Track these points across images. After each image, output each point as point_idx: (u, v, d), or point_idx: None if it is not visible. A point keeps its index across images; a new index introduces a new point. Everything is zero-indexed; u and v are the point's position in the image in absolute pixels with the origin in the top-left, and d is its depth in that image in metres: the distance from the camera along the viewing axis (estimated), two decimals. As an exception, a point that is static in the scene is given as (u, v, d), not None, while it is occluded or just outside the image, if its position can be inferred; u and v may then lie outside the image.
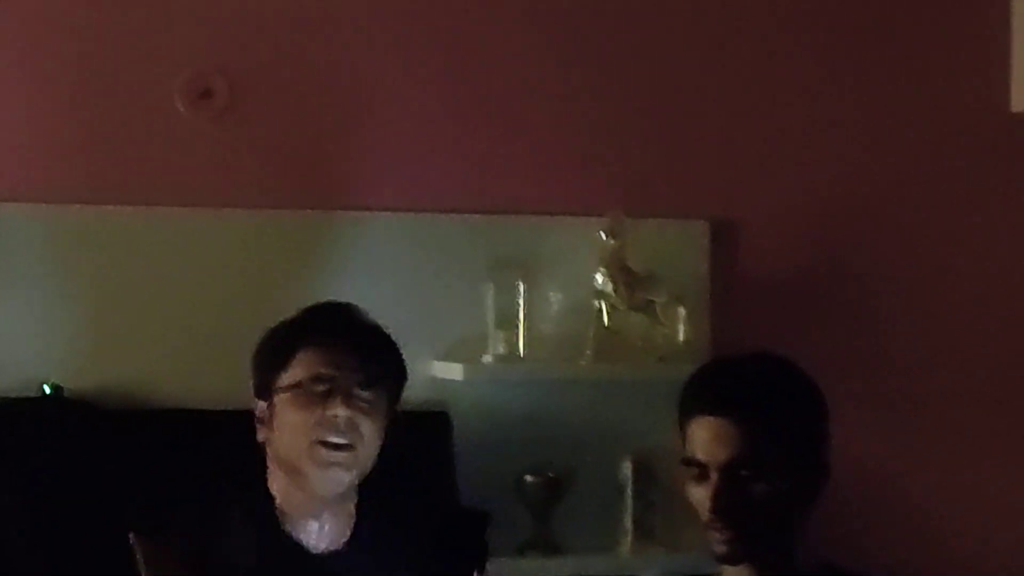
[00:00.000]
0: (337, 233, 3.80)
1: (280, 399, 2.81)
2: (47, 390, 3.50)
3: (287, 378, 2.81)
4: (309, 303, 3.47)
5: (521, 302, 3.81)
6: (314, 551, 2.83)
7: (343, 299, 3.34)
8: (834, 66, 4.20)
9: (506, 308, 3.81)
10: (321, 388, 2.79)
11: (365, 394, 2.81)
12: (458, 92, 3.93)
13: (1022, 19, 4.27)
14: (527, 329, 3.81)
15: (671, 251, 3.98)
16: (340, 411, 2.78)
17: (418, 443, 3.72)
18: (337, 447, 2.78)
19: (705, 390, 2.58)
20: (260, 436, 2.86)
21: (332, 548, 2.84)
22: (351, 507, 2.87)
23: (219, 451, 3.45)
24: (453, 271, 3.85)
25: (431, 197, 3.88)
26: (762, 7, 4.16)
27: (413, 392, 3.73)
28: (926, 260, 4.25)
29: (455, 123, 3.93)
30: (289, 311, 2.98)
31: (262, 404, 2.86)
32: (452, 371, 3.76)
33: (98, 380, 3.57)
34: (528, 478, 3.81)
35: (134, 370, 3.62)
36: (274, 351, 2.86)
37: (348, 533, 2.86)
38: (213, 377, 3.60)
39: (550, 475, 3.82)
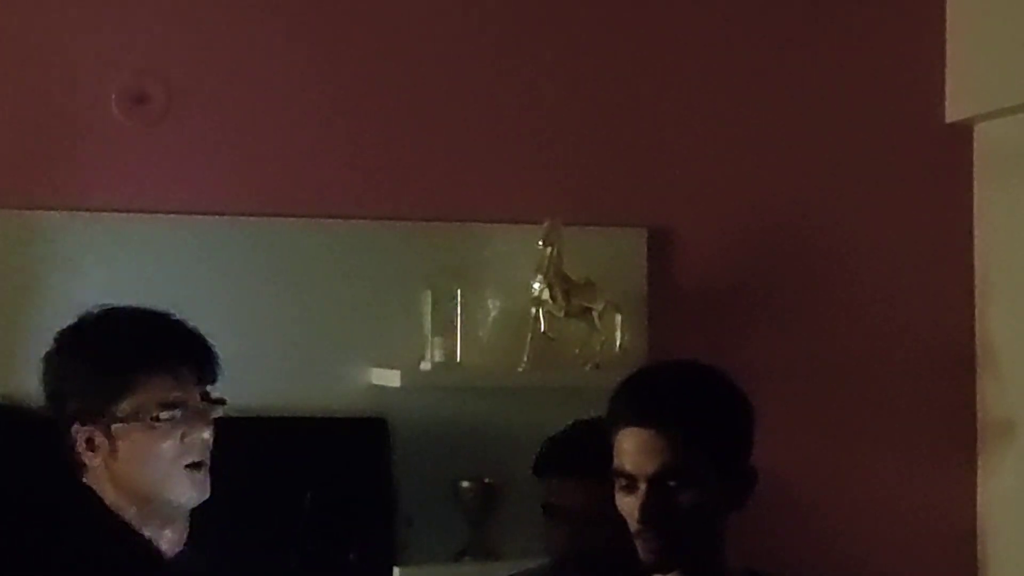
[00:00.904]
0: (275, 240, 3.79)
1: (122, 428, 2.71)
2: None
3: (129, 406, 2.71)
4: (247, 310, 3.49)
5: (459, 309, 3.81)
6: (155, 555, 2.81)
7: (282, 306, 3.35)
8: (770, 76, 4.22)
9: (444, 315, 3.82)
10: (171, 413, 2.72)
11: (209, 406, 2.79)
12: (395, 98, 3.93)
13: (957, 29, 4.30)
14: (464, 336, 3.81)
15: (608, 258, 3.99)
16: (197, 434, 2.75)
17: (356, 449, 3.74)
18: (198, 467, 2.76)
19: (631, 401, 2.58)
20: (91, 462, 2.73)
21: (175, 551, 2.81)
22: (187, 511, 2.82)
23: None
24: (390, 278, 3.85)
25: (368, 204, 3.88)
26: (697, 18, 4.18)
27: (351, 399, 3.77)
28: (860, 269, 4.27)
29: (393, 129, 3.93)
30: (230, 318, 2.97)
31: (87, 428, 2.72)
32: (390, 378, 3.76)
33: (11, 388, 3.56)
34: (464, 484, 3.82)
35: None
36: (106, 378, 2.72)
37: (185, 537, 2.83)
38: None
39: (486, 481, 3.82)
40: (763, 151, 4.21)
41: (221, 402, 2.82)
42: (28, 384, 2.88)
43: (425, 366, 3.81)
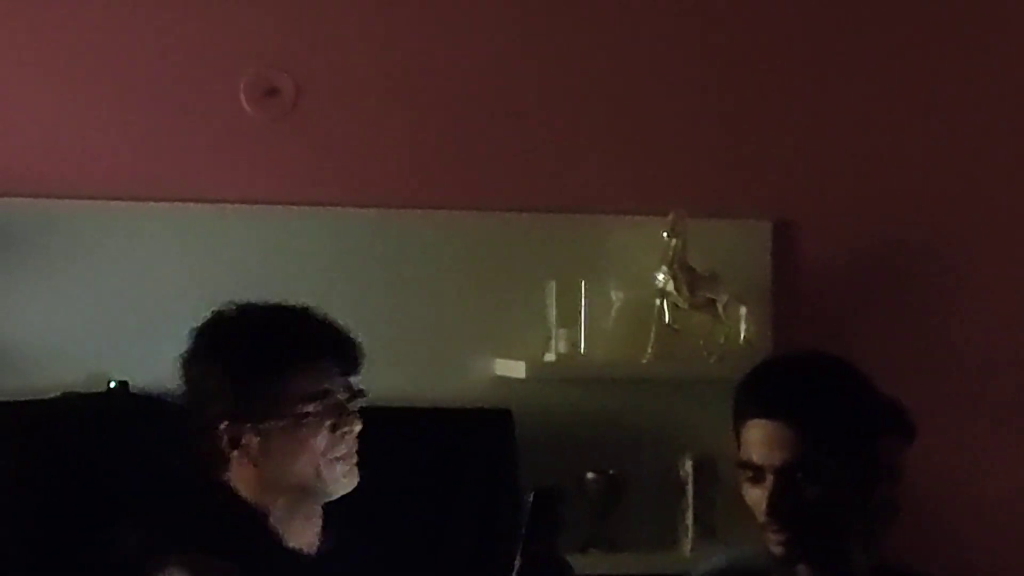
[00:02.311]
0: (400, 232, 3.82)
1: (271, 425, 2.76)
2: (112, 385, 3.53)
3: (276, 403, 2.75)
4: (378, 301, 3.53)
5: (583, 300, 3.82)
6: (309, 554, 2.84)
7: (406, 296, 3.38)
8: (898, 67, 4.18)
9: (568, 307, 3.82)
10: (318, 406, 2.77)
11: (355, 403, 2.84)
12: (520, 90, 3.94)
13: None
14: (589, 327, 3.82)
15: (733, 250, 3.98)
16: (345, 428, 2.79)
17: (481, 441, 3.75)
18: (348, 459, 2.81)
19: (759, 393, 2.57)
20: (241, 461, 2.78)
21: (319, 545, 2.86)
22: (320, 508, 2.86)
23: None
24: (515, 270, 3.86)
25: (494, 196, 3.89)
26: (824, 7, 4.15)
27: (476, 390, 3.79)
28: (993, 259, 4.22)
29: (519, 121, 3.94)
30: (355, 310, 3.00)
31: (235, 427, 2.76)
32: (514, 369, 3.78)
33: (164, 376, 3.61)
34: (589, 476, 3.82)
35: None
36: (248, 376, 2.77)
37: (320, 530, 2.86)
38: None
39: (611, 473, 3.83)
40: (889, 143, 4.17)
41: (362, 393, 2.85)
42: (160, 376, 2.94)
43: (549, 357, 3.82)
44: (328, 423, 2.78)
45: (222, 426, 2.78)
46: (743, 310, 3.90)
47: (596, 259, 3.89)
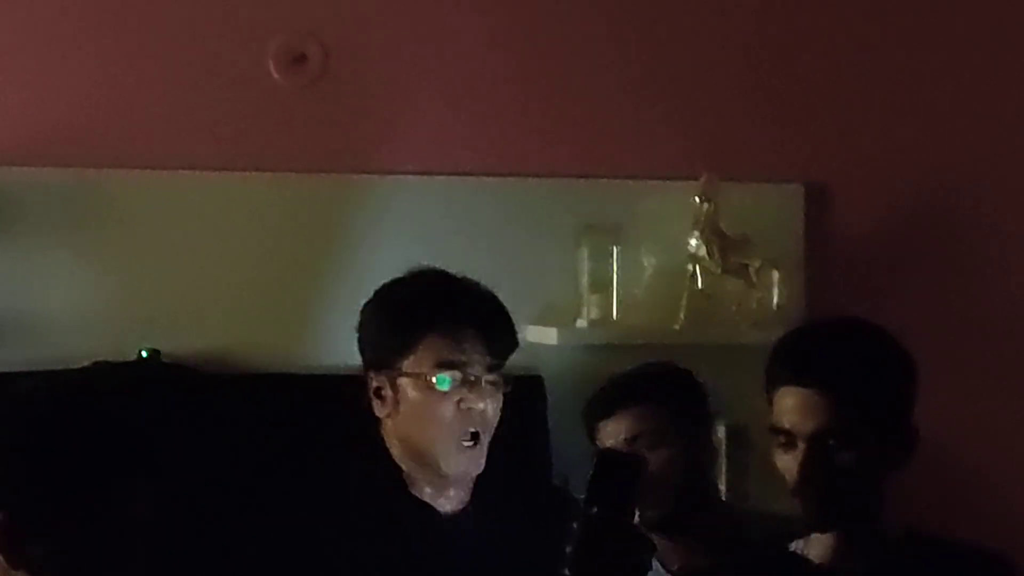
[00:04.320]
0: (431, 197, 3.81)
1: (405, 382, 2.80)
2: (143, 354, 3.54)
3: (412, 364, 2.79)
4: (404, 268, 3.51)
5: (614, 266, 3.81)
6: (441, 512, 2.84)
7: (439, 263, 3.37)
8: (931, 28, 4.15)
9: (600, 272, 3.81)
10: (452, 377, 2.78)
11: (492, 377, 2.82)
12: (551, 55, 3.93)
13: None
14: (621, 293, 3.81)
15: (765, 215, 3.96)
16: (475, 405, 2.79)
17: (513, 407, 3.74)
18: (471, 442, 2.79)
19: (792, 359, 2.56)
20: (379, 412, 2.84)
21: (457, 509, 2.86)
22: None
23: (316, 415, 3.50)
24: (546, 235, 3.85)
25: (524, 161, 3.88)
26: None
27: (507, 356, 3.78)
28: (1024, 224, 4.21)
29: (549, 86, 3.93)
30: (385, 275, 3.00)
31: (379, 378, 2.83)
32: (546, 335, 3.77)
33: (196, 345, 3.62)
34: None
35: (232, 335, 3.66)
36: (395, 333, 2.82)
37: (470, 495, 2.87)
38: (309, 341, 3.65)
39: (643, 440, 3.82)
40: (923, 102, 4.15)
41: (505, 381, 2.85)
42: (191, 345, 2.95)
43: (581, 324, 3.81)
44: (457, 397, 2.78)
45: (369, 374, 2.84)
46: (776, 275, 3.88)
47: (628, 225, 3.88)
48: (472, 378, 2.78)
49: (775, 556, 2.64)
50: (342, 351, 3.21)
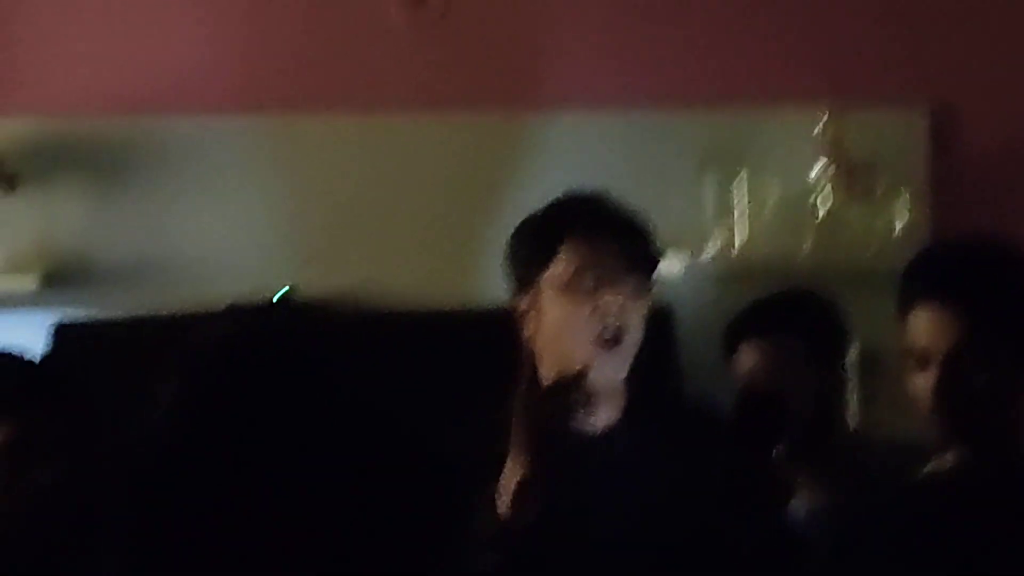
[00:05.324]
0: (556, 133, 3.83)
1: (547, 295, 2.81)
2: (277, 295, 3.59)
3: (552, 273, 2.80)
4: (534, 203, 3.53)
5: (740, 194, 3.81)
6: (591, 431, 2.87)
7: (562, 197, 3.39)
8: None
9: (724, 201, 3.81)
10: (590, 279, 2.78)
11: (631, 279, 2.82)
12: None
13: None
14: (746, 222, 3.81)
15: (890, 139, 3.93)
16: (611, 298, 2.77)
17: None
18: (610, 342, 2.78)
19: (926, 278, 2.54)
20: (527, 332, 2.86)
21: (607, 426, 2.87)
22: (622, 386, 2.87)
23: (443, 351, 3.53)
24: (669, 165, 3.85)
25: (645, 91, 3.88)
26: None
27: (634, 288, 3.78)
28: None
29: (671, 15, 3.92)
30: (515, 212, 3.02)
31: (524, 299, 2.85)
32: (672, 266, 3.78)
33: (327, 285, 3.67)
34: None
35: (360, 274, 3.71)
36: (535, 246, 2.84)
37: (620, 412, 2.88)
38: (433, 278, 3.69)
39: (772, 369, 3.81)
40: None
41: (648, 285, 2.84)
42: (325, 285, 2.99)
43: (708, 253, 3.81)
44: (594, 300, 2.77)
45: (517, 298, 2.85)
46: (902, 200, 3.85)
47: (751, 152, 3.87)
48: (609, 278, 2.78)
49: (899, 492, 2.64)
50: (477, 290, 3.26)
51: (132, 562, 2.11)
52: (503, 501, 2.66)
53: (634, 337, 2.83)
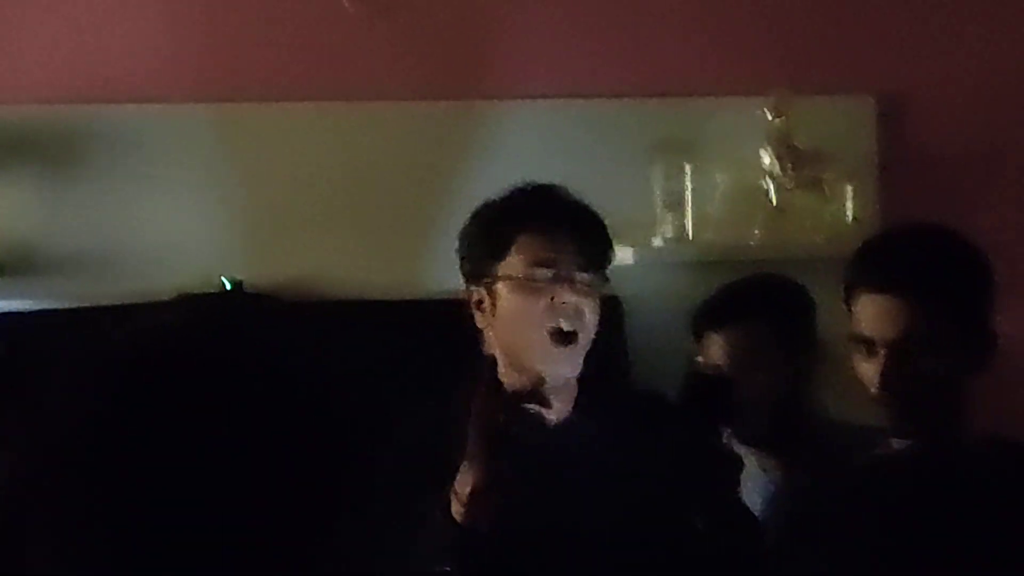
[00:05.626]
0: (503, 121, 3.83)
1: (501, 287, 2.81)
2: (227, 285, 3.59)
3: (507, 266, 2.80)
4: (480, 191, 3.54)
5: (688, 184, 3.82)
6: (544, 426, 2.86)
7: (509, 187, 3.39)
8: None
9: (673, 191, 3.82)
10: (544, 275, 2.79)
11: (586, 277, 2.82)
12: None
13: None
14: (695, 211, 3.82)
15: (838, 127, 3.95)
16: (568, 298, 2.78)
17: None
18: (565, 339, 2.79)
19: (872, 266, 2.56)
20: (480, 323, 2.85)
21: (561, 419, 2.87)
22: (574, 380, 2.87)
23: (394, 340, 3.53)
24: (619, 156, 3.86)
25: (595, 82, 3.89)
26: None
27: (583, 277, 3.79)
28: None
29: (616, 5, 3.92)
30: (459, 201, 3.02)
31: (478, 290, 2.85)
32: (622, 255, 3.77)
33: (277, 274, 3.66)
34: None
35: (311, 263, 3.70)
36: (489, 238, 2.84)
37: (571, 404, 2.88)
38: (384, 267, 3.69)
39: (722, 357, 3.83)
40: (994, 7, 4.10)
41: (602, 280, 2.84)
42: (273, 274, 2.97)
43: (657, 243, 3.82)
44: (549, 294, 2.78)
45: (469, 288, 2.86)
46: (850, 188, 3.88)
47: (700, 142, 3.88)
48: (565, 274, 2.79)
49: (843, 476, 2.65)
50: (428, 280, 3.26)
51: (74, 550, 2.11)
52: (458, 509, 2.67)
53: (589, 334, 2.84)
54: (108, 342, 2.26)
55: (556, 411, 2.85)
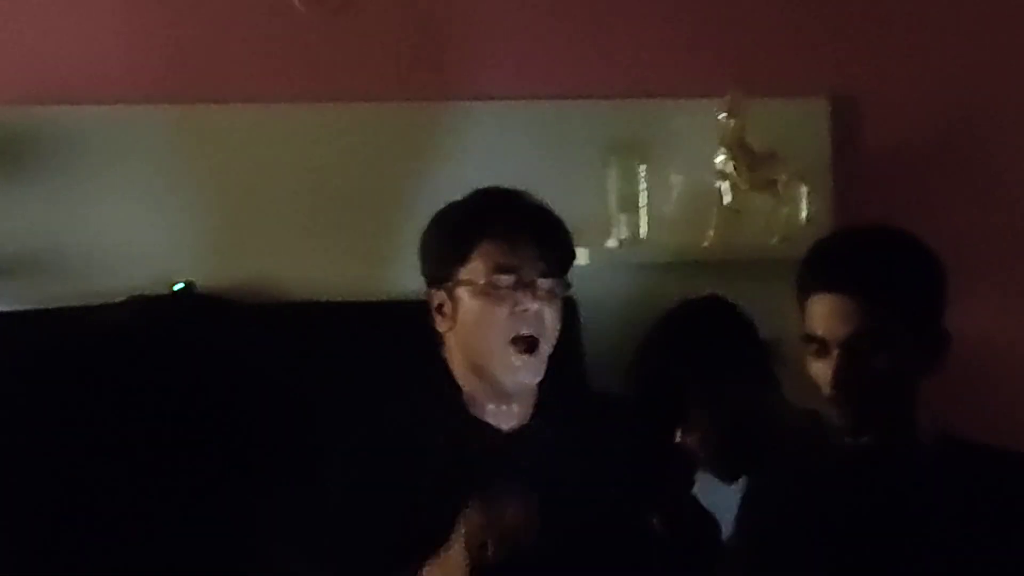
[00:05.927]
0: (458, 123, 3.82)
1: (462, 292, 2.81)
2: (178, 287, 3.57)
3: (468, 272, 2.81)
4: (434, 194, 3.54)
5: (642, 185, 3.82)
6: (503, 429, 2.86)
7: (463, 188, 3.39)
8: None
9: (628, 192, 3.82)
10: (506, 281, 2.79)
11: (547, 283, 2.83)
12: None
13: None
14: (649, 212, 3.83)
15: (791, 129, 3.95)
16: (530, 304, 2.79)
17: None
18: (526, 347, 2.79)
19: (823, 266, 2.57)
20: (441, 327, 2.85)
21: (519, 425, 2.88)
22: (534, 386, 2.88)
23: (350, 343, 3.52)
24: (573, 157, 3.86)
25: (549, 83, 3.89)
26: None
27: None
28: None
29: (570, 8, 3.92)
30: (414, 202, 3.02)
31: (439, 294, 2.85)
32: (578, 256, 3.78)
33: (232, 276, 3.65)
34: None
35: (263, 265, 3.69)
36: (451, 243, 2.85)
37: (531, 411, 2.89)
38: (339, 269, 3.68)
39: (676, 357, 3.83)
40: (947, 9, 4.12)
41: (563, 285, 2.86)
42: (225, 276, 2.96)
43: (611, 243, 3.82)
44: (511, 300, 2.79)
45: (429, 291, 2.87)
46: (804, 189, 3.89)
47: (654, 144, 3.88)
48: (527, 281, 2.78)
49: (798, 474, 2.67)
50: (384, 282, 3.25)
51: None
52: None
53: (551, 341, 2.84)
54: (59, 343, 2.26)
55: (516, 416, 2.85)
